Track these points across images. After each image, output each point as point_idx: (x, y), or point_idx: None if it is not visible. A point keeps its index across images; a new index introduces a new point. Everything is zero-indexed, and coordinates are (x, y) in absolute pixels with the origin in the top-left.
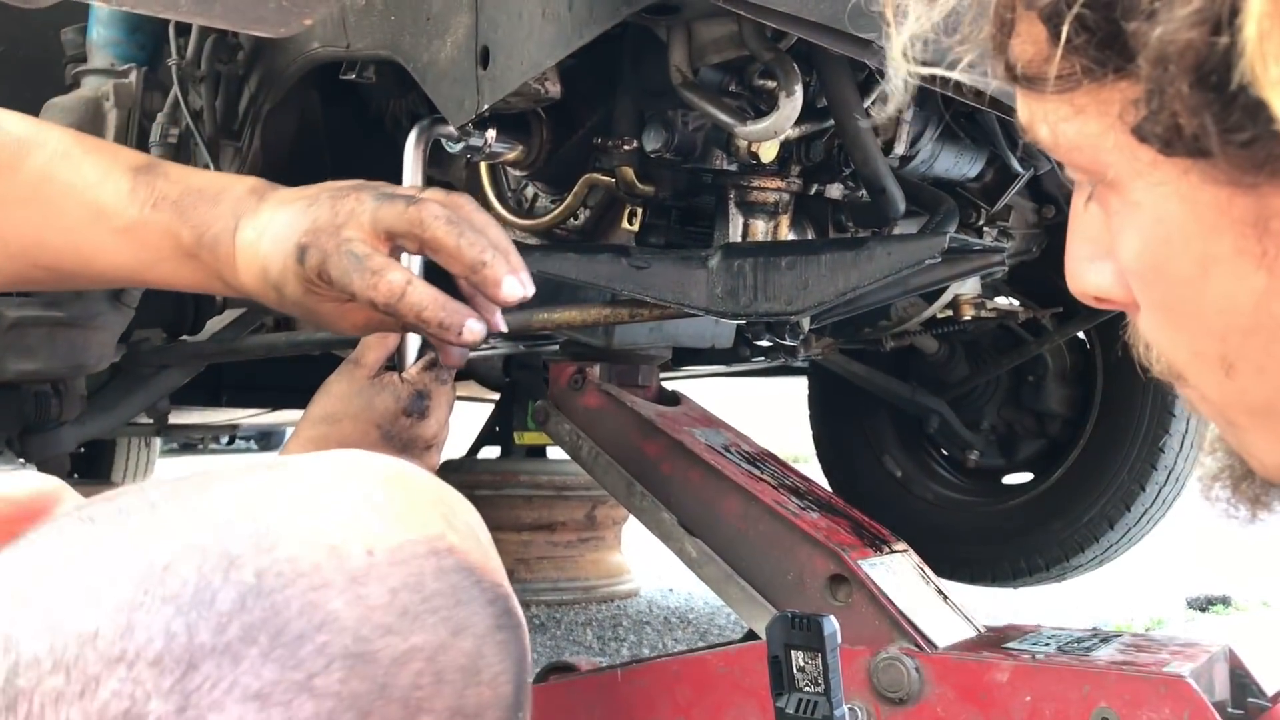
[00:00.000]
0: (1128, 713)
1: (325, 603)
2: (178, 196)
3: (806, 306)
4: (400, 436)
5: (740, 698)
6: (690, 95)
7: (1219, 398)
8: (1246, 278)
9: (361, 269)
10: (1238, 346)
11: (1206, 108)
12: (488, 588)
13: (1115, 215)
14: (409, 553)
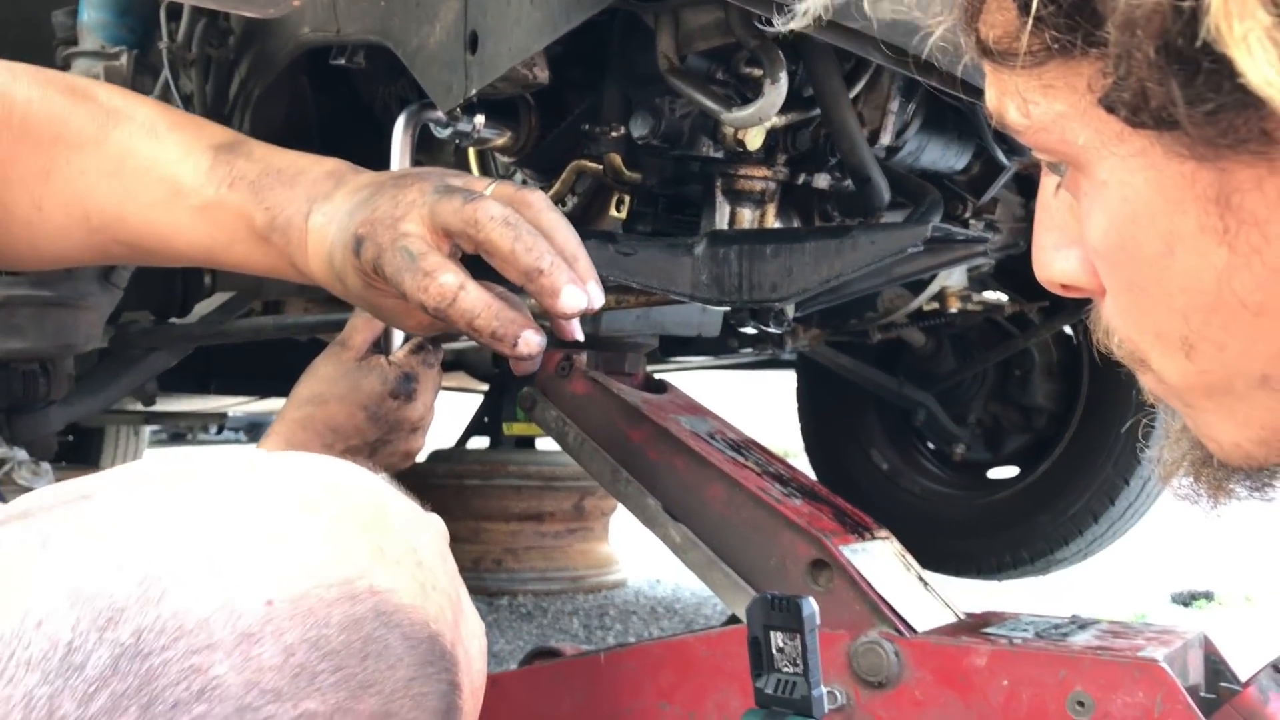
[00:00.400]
0: (1102, 696)
1: (208, 666)
2: (255, 177)
3: (791, 293)
4: (386, 418)
5: (723, 680)
6: (677, 82)
7: (1179, 380)
8: (1209, 254)
9: (414, 269)
10: (1199, 326)
11: (1172, 74)
12: (411, 631)
13: (1084, 197)
14: (315, 600)
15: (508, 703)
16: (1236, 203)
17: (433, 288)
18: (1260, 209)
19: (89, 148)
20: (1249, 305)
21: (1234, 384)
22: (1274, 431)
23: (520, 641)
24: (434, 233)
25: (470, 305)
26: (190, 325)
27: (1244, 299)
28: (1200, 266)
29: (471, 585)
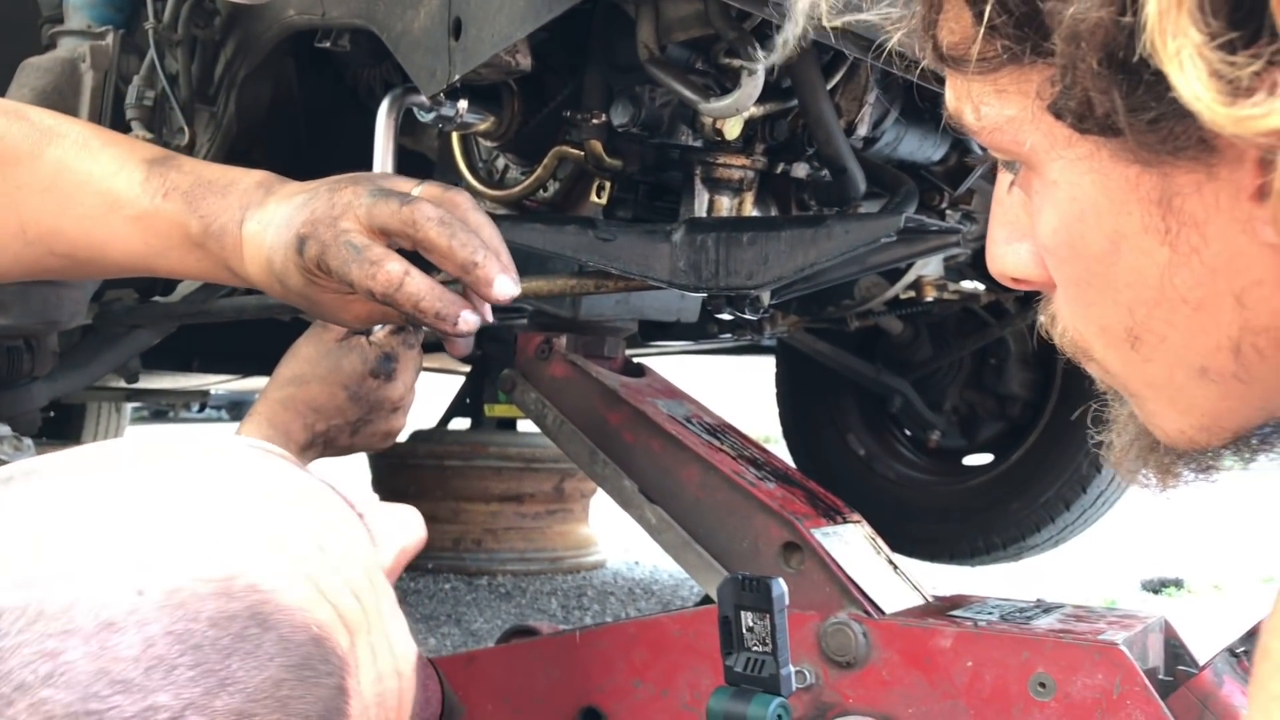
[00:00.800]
0: (1063, 677)
1: (61, 652)
2: (188, 188)
3: (766, 281)
4: (367, 398)
5: (695, 659)
6: (657, 71)
7: (1123, 371)
8: (1152, 253)
9: (360, 259)
10: (1143, 319)
11: (1115, 84)
12: (289, 633)
13: (1035, 195)
14: (188, 594)
15: (484, 679)
16: (1178, 205)
17: (380, 274)
18: (1199, 211)
19: (24, 163)
20: (1189, 301)
21: (1175, 374)
22: (1214, 418)
23: (499, 620)
24: (370, 231)
25: (416, 289)
26: (173, 304)
27: (1184, 295)
28: (1144, 264)
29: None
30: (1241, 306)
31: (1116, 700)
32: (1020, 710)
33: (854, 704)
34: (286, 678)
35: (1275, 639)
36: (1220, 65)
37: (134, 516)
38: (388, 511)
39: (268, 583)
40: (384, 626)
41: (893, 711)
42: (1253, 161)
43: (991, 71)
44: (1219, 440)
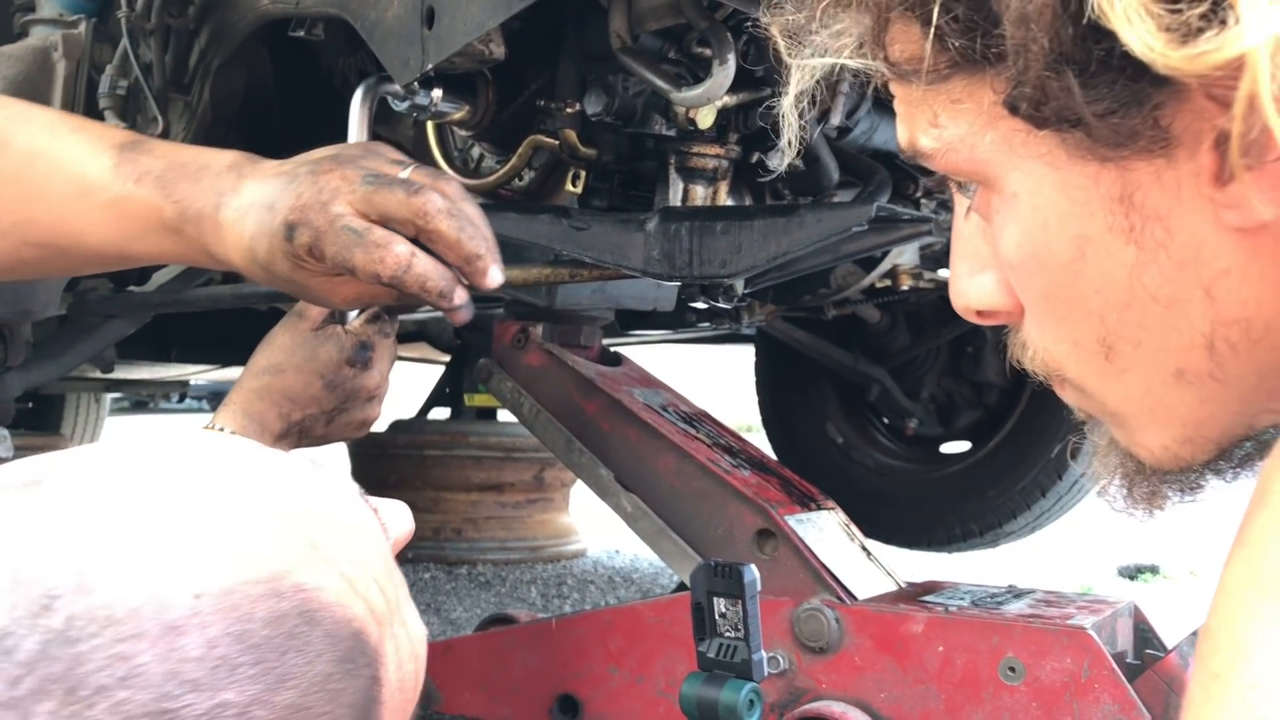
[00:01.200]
0: (1032, 662)
1: (134, 655)
2: (160, 172)
3: (740, 270)
4: (343, 387)
5: (670, 646)
6: (629, 61)
7: (1099, 388)
8: (1119, 253)
9: (364, 244)
10: (1115, 325)
11: (1067, 64)
12: (333, 629)
13: (995, 214)
14: (241, 596)
15: (463, 666)
16: (1139, 200)
17: (389, 258)
18: (1161, 203)
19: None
20: (1159, 299)
21: (1152, 383)
22: (1195, 428)
23: (478, 609)
24: (365, 216)
25: (424, 269)
26: (149, 293)
27: (1154, 293)
28: (1111, 266)
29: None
30: (1211, 299)
31: (1085, 683)
32: (990, 694)
33: (827, 689)
34: (334, 671)
35: (1215, 618)
36: (1166, 16)
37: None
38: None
39: (310, 582)
40: (402, 615)
41: (865, 696)
42: (1209, 144)
43: (943, 81)
44: (1203, 453)
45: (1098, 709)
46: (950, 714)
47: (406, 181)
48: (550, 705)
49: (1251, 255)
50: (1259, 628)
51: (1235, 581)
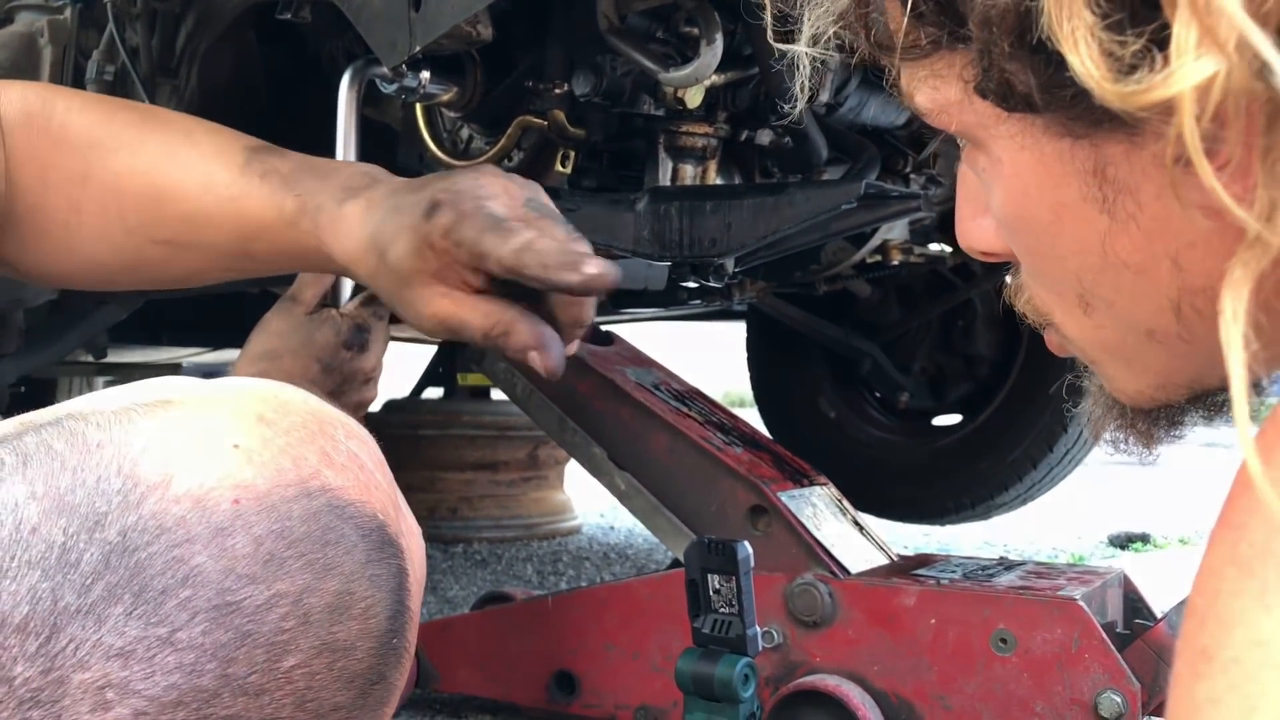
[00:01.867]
0: (1023, 633)
1: (189, 558)
2: (289, 171)
3: (730, 249)
4: (340, 370)
5: (664, 622)
6: (617, 41)
7: (1079, 336)
8: (1093, 221)
9: (497, 228)
10: (1091, 285)
11: (1028, 65)
12: (362, 522)
13: (984, 173)
14: (277, 498)
15: (460, 644)
16: (1111, 174)
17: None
18: (1130, 178)
19: (124, 150)
20: (1130, 266)
21: (1125, 338)
22: (1167, 376)
23: (474, 587)
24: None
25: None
26: None
27: (1125, 260)
28: (1086, 232)
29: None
30: (1178, 269)
31: (1075, 654)
32: (982, 665)
33: (821, 662)
34: (370, 559)
35: (1199, 596)
36: (1111, 45)
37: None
38: None
39: (333, 483)
40: (405, 515)
41: (859, 669)
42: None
43: (925, 57)
44: (1178, 396)
45: (1088, 678)
46: (943, 685)
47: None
48: (547, 682)
49: (1216, 231)
50: (1241, 604)
51: (1218, 559)
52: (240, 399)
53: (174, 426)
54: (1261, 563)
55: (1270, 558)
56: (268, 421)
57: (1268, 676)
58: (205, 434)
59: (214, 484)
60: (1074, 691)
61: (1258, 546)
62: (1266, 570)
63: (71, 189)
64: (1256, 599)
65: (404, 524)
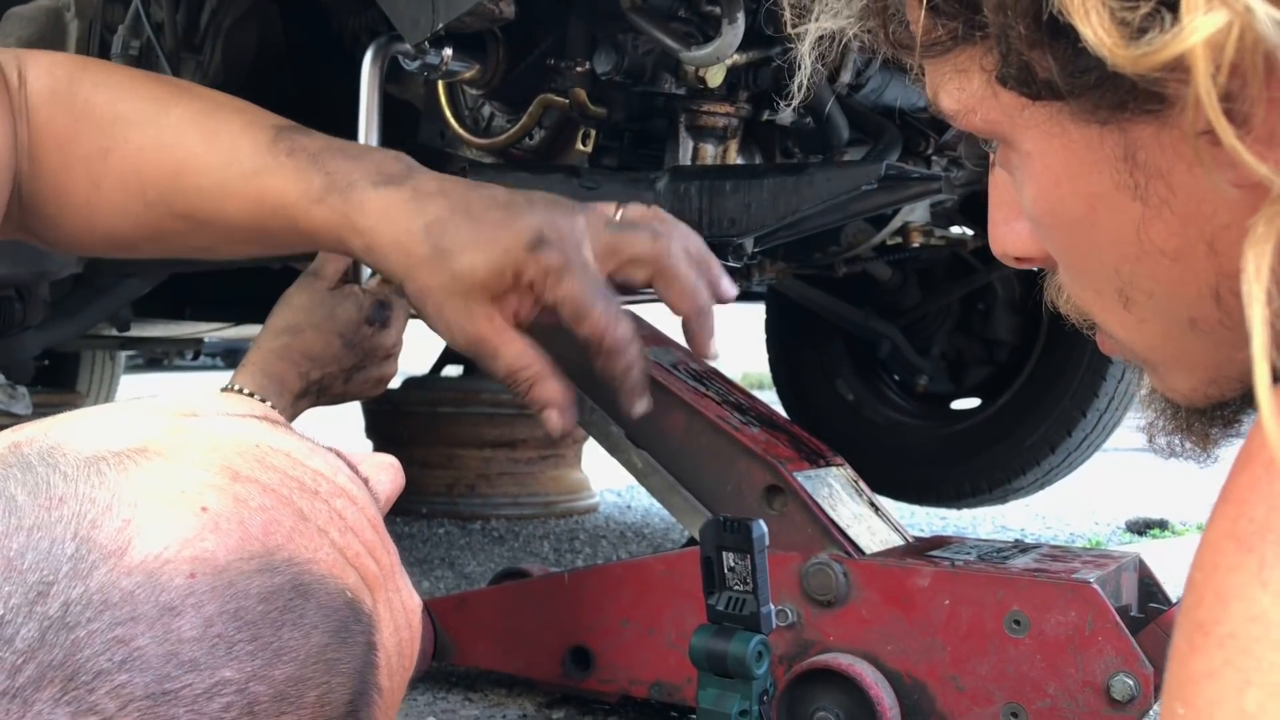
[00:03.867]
0: (1037, 615)
1: (131, 639)
2: (317, 150)
3: (749, 229)
4: (362, 345)
5: (679, 599)
6: (638, 19)
7: (1123, 334)
8: (1126, 209)
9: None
10: (1130, 277)
11: (1048, 49)
12: (325, 600)
13: (1016, 171)
14: (235, 572)
15: (477, 619)
16: (1142, 159)
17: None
18: (1161, 161)
19: (148, 124)
20: (1167, 252)
21: (1170, 331)
22: (1218, 369)
23: (492, 564)
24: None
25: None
26: None
27: (1161, 247)
28: (1120, 221)
29: (445, 510)
30: (1214, 253)
31: (1089, 636)
32: (995, 646)
33: (834, 642)
34: (330, 641)
35: (1198, 571)
36: (1122, 12)
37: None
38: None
39: (301, 555)
40: (396, 581)
41: (872, 649)
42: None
43: (947, 53)
44: (1231, 391)
45: (1101, 661)
46: (956, 666)
47: (651, 227)
48: (563, 657)
49: (1249, 210)
50: (1238, 579)
51: (1218, 535)
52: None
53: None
54: (1260, 539)
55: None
56: (244, 480)
57: (1262, 651)
58: (174, 494)
59: (171, 555)
60: (1087, 674)
61: (1257, 522)
62: (1265, 546)
63: (94, 164)
64: (1254, 575)
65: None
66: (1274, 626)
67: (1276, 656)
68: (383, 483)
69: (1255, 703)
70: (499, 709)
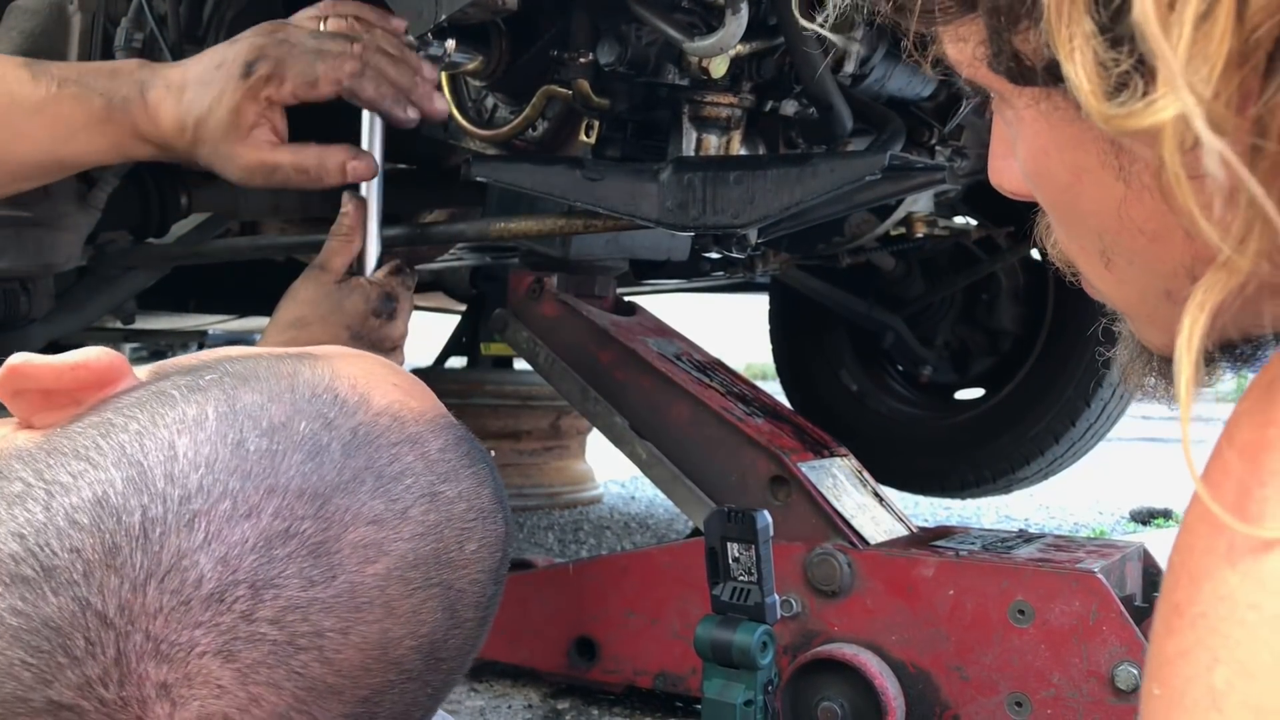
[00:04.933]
0: (1041, 605)
1: (402, 455)
2: (77, 76)
3: (753, 220)
4: (369, 337)
5: (683, 589)
6: (641, 10)
7: (1104, 289)
8: (1110, 186)
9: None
10: (1111, 244)
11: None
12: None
13: (1009, 125)
14: (436, 423)
15: None
16: (1127, 144)
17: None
18: (1145, 151)
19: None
20: (1145, 232)
21: (1146, 295)
22: None
23: None
24: None
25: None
26: (168, 245)
27: (1140, 226)
28: (1103, 195)
29: None
30: (1190, 239)
31: (1093, 626)
32: (1000, 636)
33: (839, 632)
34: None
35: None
36: (1106, 57)
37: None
38: None
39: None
40: None
41: (877, 639)
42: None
43: (948, 21)
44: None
45: (1105, 650)
46: (960, 656)
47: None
48: (568, 647)
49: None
50: (1209, 560)
51: (1193, 519)
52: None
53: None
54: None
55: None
56: (397, 371)
57: (1229, 629)
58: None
59: (398, 407)
60: (1091, 663)
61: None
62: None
63: None
64: (1223, 555)
65: None
66: (1241, 605)
67: (1243, 634)
68: None
69: (1224, 680)
70: (504, 699)
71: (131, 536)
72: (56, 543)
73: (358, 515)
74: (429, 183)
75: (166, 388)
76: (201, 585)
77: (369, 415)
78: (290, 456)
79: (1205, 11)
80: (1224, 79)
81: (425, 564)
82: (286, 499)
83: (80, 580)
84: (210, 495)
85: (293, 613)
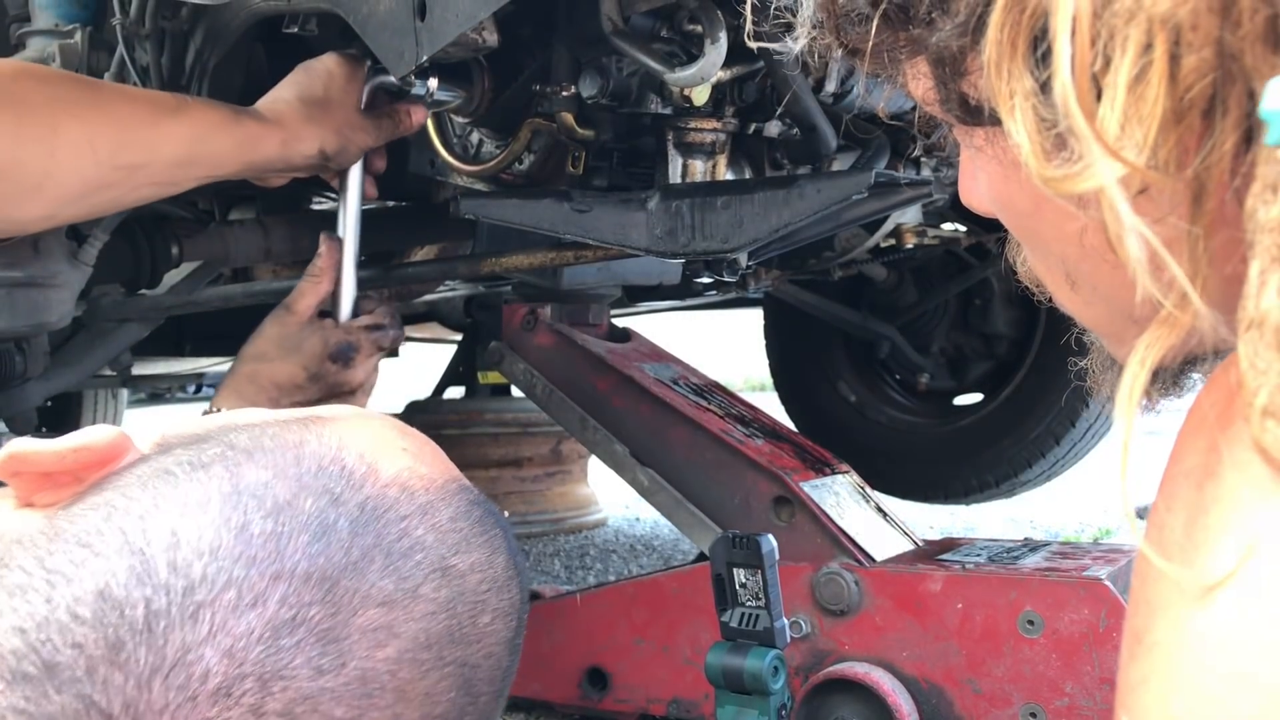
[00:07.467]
0: (1051, 614)
1: (412, 530)
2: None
3: (742, 244)
4: (325, 380)
5: (692, 615)
6: (621, 43)
7: (1071, 309)
8: (1070, 216)
9: None
10: (1074, 268)
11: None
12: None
13: (970, 157)
14: (447, 489)
15: None
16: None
17: None
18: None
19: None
20: (1107, 260)
21: (1112, 318)
22: None
23: None
24: None
25: None
26: (160, 296)
27: (1103, 255)
28: (1064, 224)
29: None
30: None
31: (1103, 633)
32: (1010, 647)
33: (849, 650)
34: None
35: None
36: (1046, 115)
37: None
38: None
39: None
40: None
41: (888, 656)
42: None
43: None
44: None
45: (1117, 657)
46: (972, 669)
47: None
48: (579, 679)
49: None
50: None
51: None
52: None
53: (350, 433)
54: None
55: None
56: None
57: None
58: (376, 439)
59: (407, 475)
60: (1104, 671)
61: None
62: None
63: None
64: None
65: None
66: (1192, 633)
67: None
68: None
69: (1182, 707)
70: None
71: (135, 630)
72: (59, 638)
73: (367, 597)
74: (419, 219)
75: (169, 464)
76: (208, 680)
77: (377, 488)
78: (296, 539)
79: (1139, 74)
80: (1161, 138)
81: (438, 643)
82: (293, 584)
83: (84, 677)
84: (214, 585)
85: (302, 704)
